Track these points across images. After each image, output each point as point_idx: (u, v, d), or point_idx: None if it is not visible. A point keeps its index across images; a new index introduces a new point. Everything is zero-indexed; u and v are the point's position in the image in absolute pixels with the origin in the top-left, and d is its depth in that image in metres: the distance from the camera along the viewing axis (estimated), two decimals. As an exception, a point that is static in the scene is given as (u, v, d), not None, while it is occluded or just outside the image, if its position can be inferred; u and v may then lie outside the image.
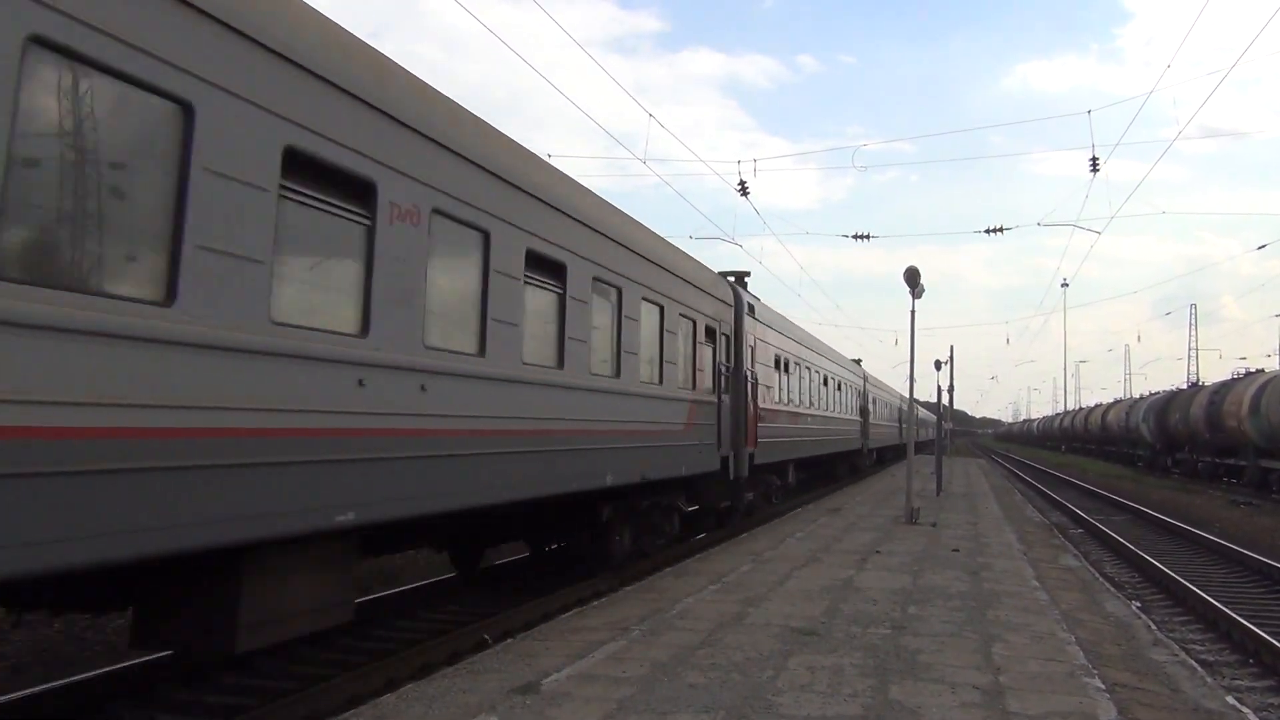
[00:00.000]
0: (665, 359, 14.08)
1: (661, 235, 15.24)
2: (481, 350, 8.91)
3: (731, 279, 20.18)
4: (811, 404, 27.98)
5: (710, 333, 16.85)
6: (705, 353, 16.51)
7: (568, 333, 10.65)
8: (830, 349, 34.22)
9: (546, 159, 11.85)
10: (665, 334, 14.15)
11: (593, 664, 7.76)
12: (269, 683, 8.44)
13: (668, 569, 13.63)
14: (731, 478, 17.95)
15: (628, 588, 12.14)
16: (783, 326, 24.20)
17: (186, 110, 5.59)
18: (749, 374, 19.25)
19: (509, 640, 9.07)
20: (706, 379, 16.56)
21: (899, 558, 14.85)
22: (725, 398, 17.43)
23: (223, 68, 5.83)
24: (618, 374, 12.19)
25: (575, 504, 11.77)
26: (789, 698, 6.85)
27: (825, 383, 30.78)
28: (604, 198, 12.65)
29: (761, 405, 20.43)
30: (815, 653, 8.26)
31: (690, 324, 15.58)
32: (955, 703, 6.83)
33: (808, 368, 27.39)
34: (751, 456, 19.18)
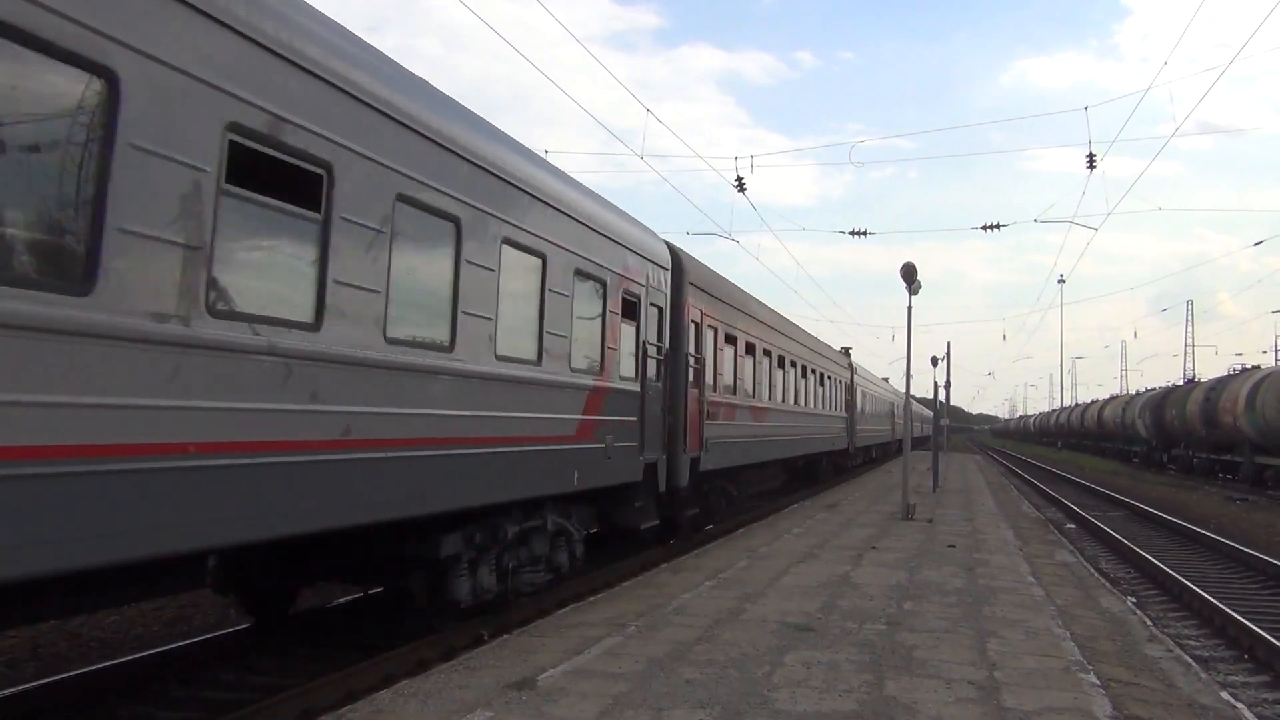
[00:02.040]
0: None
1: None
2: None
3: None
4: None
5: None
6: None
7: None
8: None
9: (544, 154, 11.81)
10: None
11: (589, 660, 7.77)
12: (265, 679, 8.44)
13: (664, 565, 13.64)
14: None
15: (625, 584, 12.15)
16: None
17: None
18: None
19: (505, 636, 9.07)
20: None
21: (895, 553, 14.87)
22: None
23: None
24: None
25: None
26: (785, 693, 6.86)
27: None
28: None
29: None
30: (811, 648, 8.28)
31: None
32: (951, 698, 6.84)
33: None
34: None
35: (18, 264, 4.68)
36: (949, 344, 36.97)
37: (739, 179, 24.95)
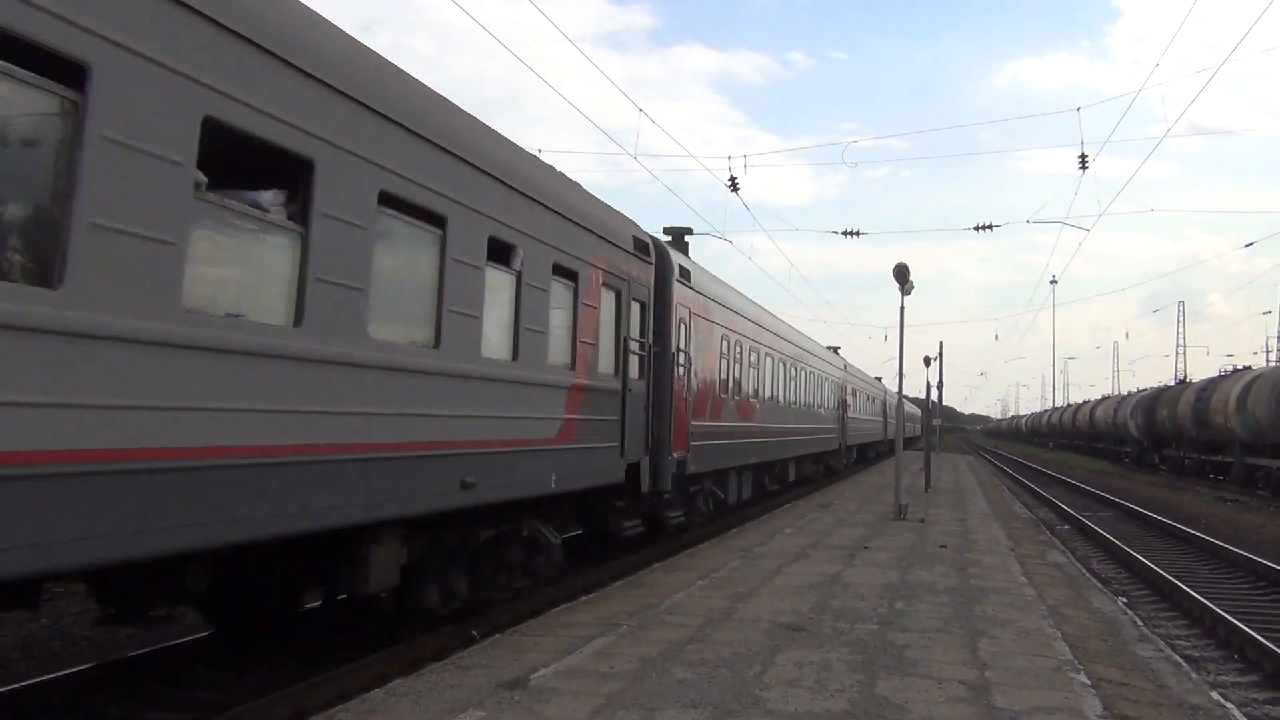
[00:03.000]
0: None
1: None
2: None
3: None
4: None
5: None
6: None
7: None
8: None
9: (537, 153, 11.79)
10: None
11: (581, 659, 7.77)
12: (257, 678, 8.42)
13: (657, 564, 13.65)
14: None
15: (617, 583, 12.16)
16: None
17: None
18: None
19: (497, 636, 9.07)
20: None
21: (887, 553, 14.90)
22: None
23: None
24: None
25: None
26: (776, 693, 6.87)
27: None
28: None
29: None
30: (803, 648, 8.29)
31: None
32: (942, 698, 6.86)
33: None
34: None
35: None
36: (941, 344, 37.14)
37: (732, 179, 24.94)
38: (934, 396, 39.10)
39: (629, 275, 13.11)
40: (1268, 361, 69.33)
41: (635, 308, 13.46)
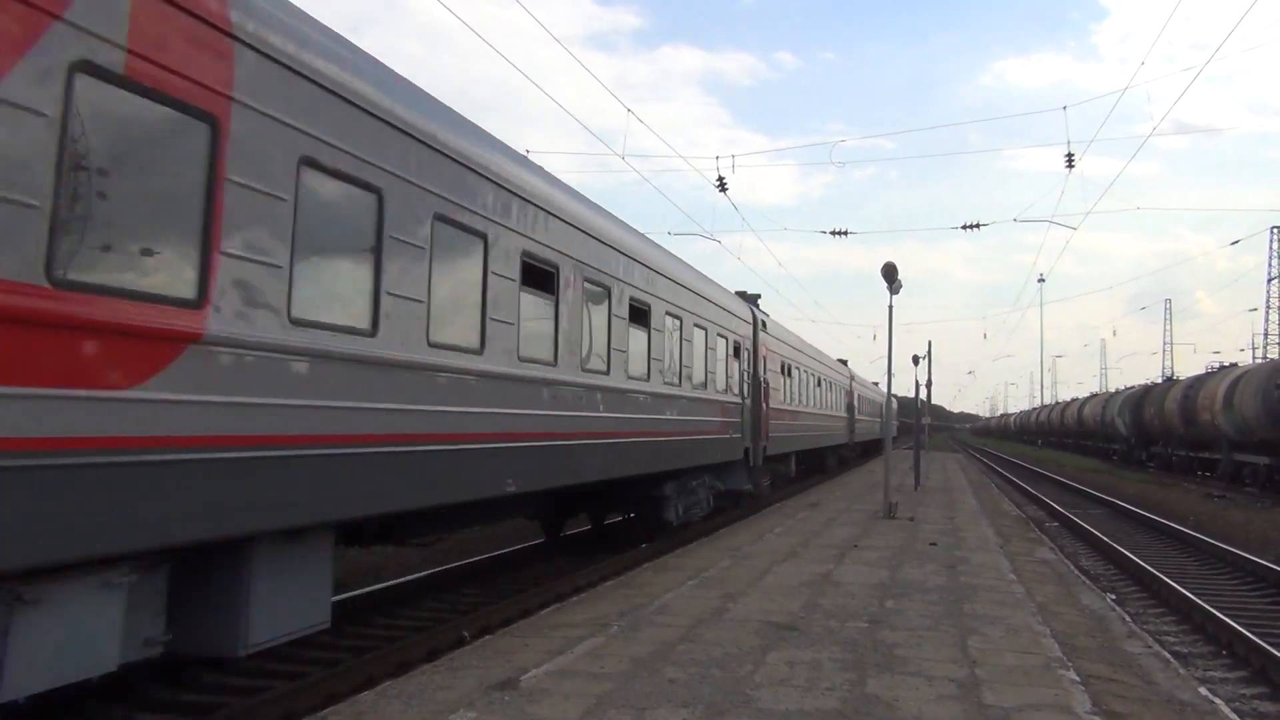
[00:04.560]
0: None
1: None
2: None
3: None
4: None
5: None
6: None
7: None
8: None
9: (526, 154, 11.86)
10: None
11: (572, 660, 7.77)
12: (247, 681, 8.40)
13: (647, 564, 13.65)
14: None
15: (607, 584, 12.15)
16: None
17: None
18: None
19: (487, 637, 9.06)
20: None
21: (877, 552, 14.93)
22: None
23: None
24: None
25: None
26: (767, 692, 6.88)
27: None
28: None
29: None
30: (794, 647, 8.30)
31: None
32: (932, 695, 6.88)
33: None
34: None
35: None
36: (930, 343, 37.36)
37: (720, 179, 25.03)
38: (923, 395, 39.22)
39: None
40: (1254, 359, 69.76)
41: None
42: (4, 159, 4.66)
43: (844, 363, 46.68)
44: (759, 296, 25.40)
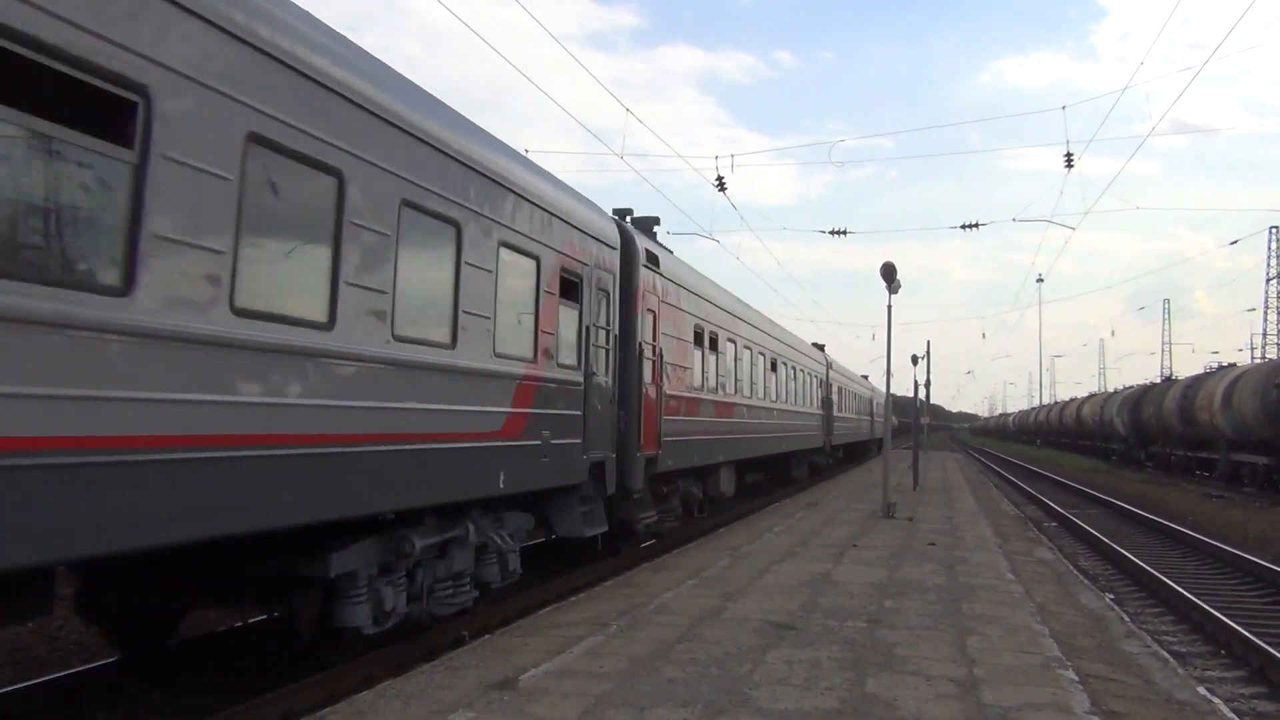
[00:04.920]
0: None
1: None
2: None
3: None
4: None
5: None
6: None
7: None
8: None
9: (525, 153, 11.78)
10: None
11: (571, 659, 7.76)
12: (245, 681, 8.39)
13: (646, 564, 13.65)
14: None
15: (606, 583, 12.15)
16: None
17: None
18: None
19: (486, 636, 9.06)
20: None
21: (876, 551, 14.93)
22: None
23: None
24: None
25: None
26: (766, 691, 6.88)
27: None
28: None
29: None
30: (793, 647, 8.30)
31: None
32: (931, 695, 6.88)
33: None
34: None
35: None
36: (929, 342, 37.32)
37: (719, 178, 24.96)
38: (922, 394, 39.20)
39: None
40: (1253, 358, 69.82)
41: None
42: None
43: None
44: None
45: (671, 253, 17.18)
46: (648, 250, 14.91)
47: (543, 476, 10.79)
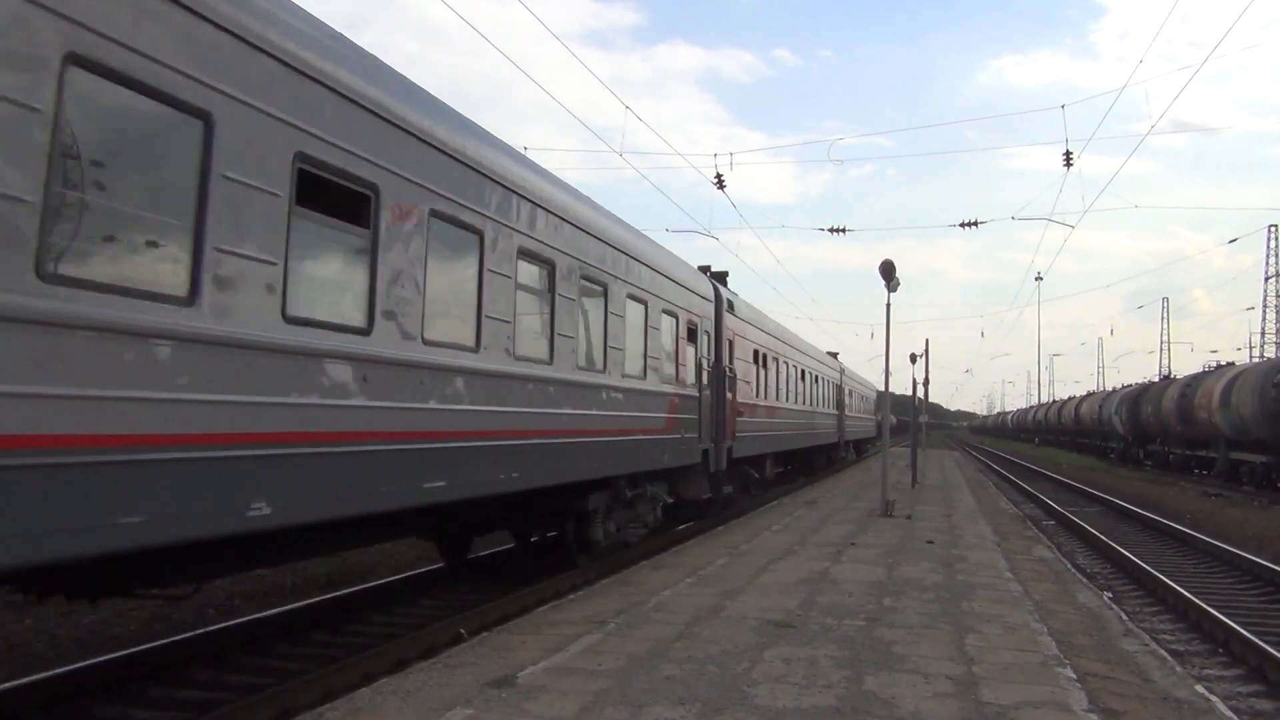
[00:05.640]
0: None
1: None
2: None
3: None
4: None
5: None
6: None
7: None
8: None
9: (523, 150, 11.85)
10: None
11: (569, 657, 7.76)
12: (243, 678, 8.40)
13: (644, 562, 13.65)
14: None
15: (604, 581, 12.14)
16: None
17: None
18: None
19: (485, 634, 9.05)
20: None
21: (874, 550, 14.93)
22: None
23: None
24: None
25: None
26: (764, 689, 6.88)
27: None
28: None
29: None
30: (791, 645, 8.30)
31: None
32: (929, 693, 6.88)
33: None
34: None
35: None
36: (927, 341, 37.29)
37: (718, 176, 25.00)
38: (920, 393, 39.19)
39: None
40: (1251, 357, 69.85)
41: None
42: None
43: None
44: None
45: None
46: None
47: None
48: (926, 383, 38.18)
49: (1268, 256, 78.79)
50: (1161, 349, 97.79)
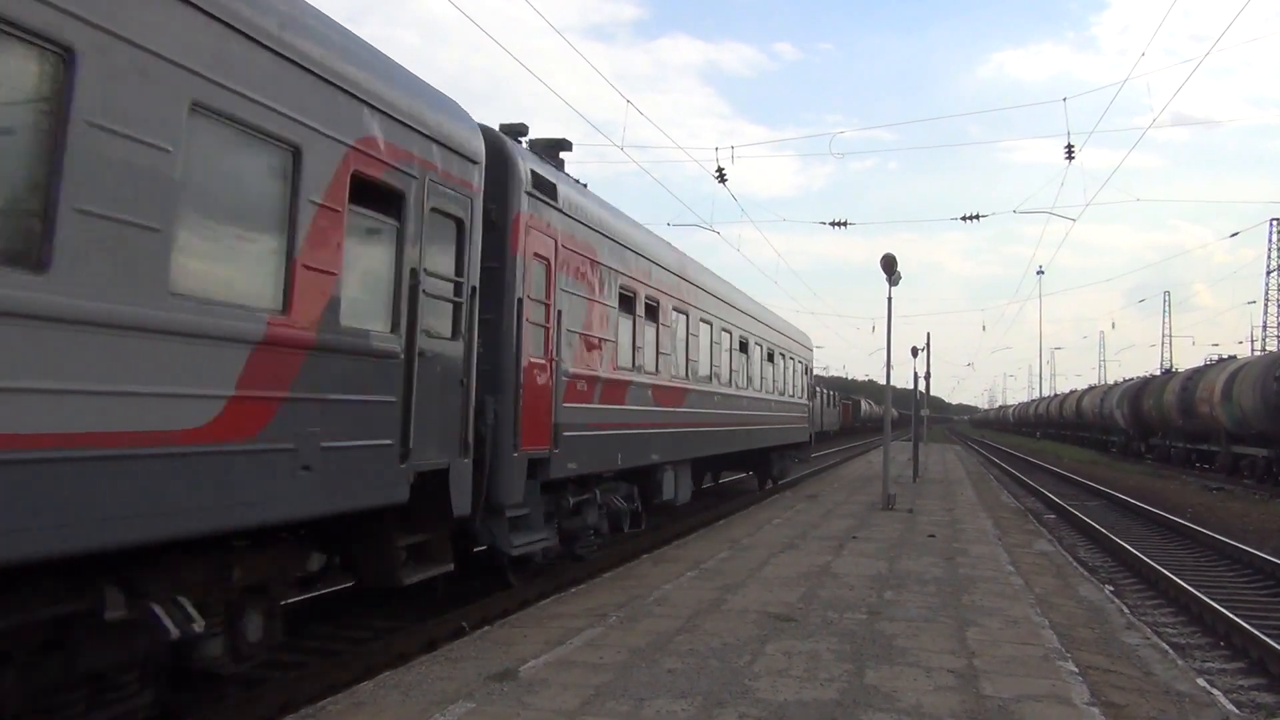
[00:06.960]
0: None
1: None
2: None
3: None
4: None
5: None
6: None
7: None
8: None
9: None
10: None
11: (570, 651, 7.77)
12: (245, 671, 8.38)
13: (646, 556, 13.66)
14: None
15: (605, 574, 12.15)
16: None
17: None
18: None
19: (486, 628, 9.06)
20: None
21: (876, 543, 14.93)
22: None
23: None
24: None
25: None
26: (766, 683, 6.88)
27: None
28: None
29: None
30: (792, 638, 8.30)
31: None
32: (930, 686, 6.88)
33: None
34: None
35: None
36: (929, 334, 37.23)
37: (720, 170, 24.92)
38: (922, 387, 39.20)
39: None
40: (1253, 351, 69.80)
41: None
42: None
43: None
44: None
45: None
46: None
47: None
48: (928, 376, 38.22)
49: (1269, 250, 78.69)
50: (1163, 343, 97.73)
